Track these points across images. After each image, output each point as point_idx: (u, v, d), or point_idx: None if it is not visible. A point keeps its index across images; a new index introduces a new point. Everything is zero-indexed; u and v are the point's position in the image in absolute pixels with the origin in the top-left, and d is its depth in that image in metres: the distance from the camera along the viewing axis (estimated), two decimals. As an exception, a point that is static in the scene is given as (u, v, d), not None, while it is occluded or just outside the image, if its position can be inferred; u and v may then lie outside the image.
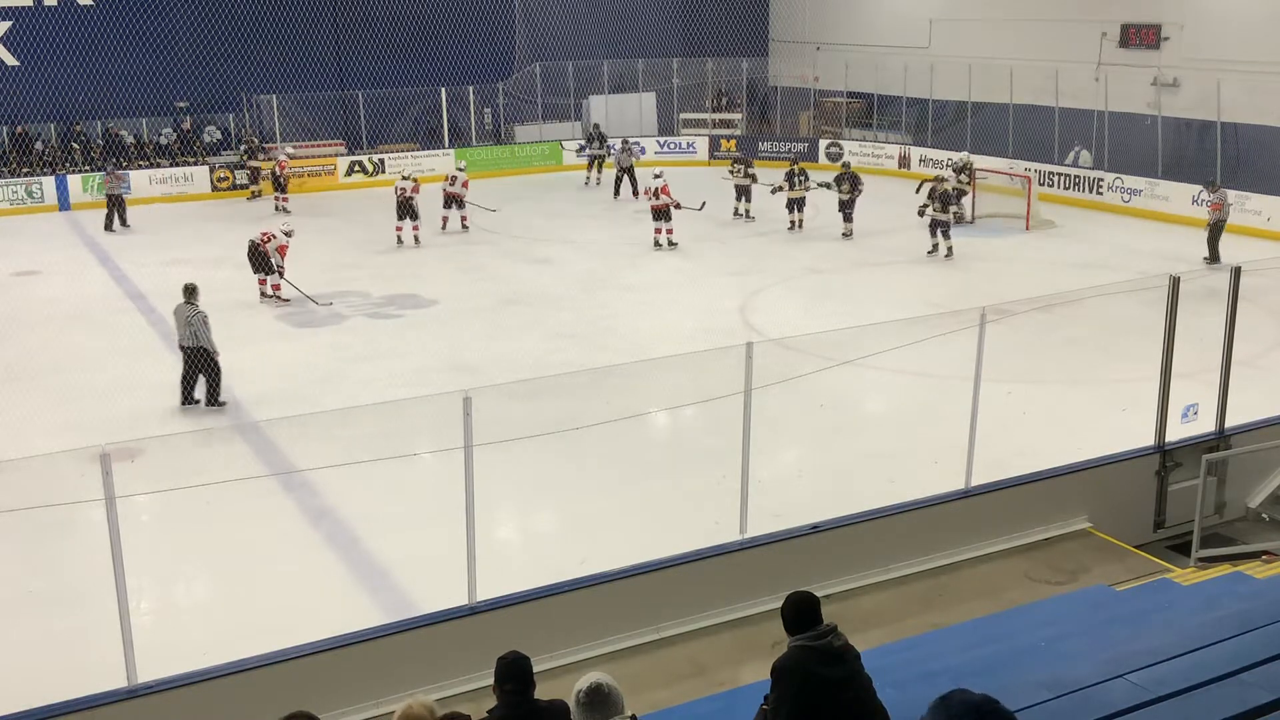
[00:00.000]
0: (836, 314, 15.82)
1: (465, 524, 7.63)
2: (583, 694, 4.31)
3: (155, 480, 8.90)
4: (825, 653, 4.69)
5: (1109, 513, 9.85)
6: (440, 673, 7.44)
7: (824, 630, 4.75)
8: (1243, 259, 12.37)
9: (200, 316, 13.00)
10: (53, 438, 10.71)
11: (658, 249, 21.15)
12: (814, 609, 4.82)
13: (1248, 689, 4.94)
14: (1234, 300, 10.13)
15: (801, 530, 8.75)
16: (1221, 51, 22.80)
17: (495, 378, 13.11)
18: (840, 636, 4.76)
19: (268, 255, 17.59)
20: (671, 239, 21.23)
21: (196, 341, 12.95)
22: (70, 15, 26.98)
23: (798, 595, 4.88)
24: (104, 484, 6.64)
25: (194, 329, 12.93)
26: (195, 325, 12.93)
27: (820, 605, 4.85)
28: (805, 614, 4.80)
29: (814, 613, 4.81)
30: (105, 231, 23.31)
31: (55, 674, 7.44)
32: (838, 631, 4.78)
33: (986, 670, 6.23)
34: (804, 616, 4.79)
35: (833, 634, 4.75)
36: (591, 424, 9.78)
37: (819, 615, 4.81)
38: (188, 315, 13.00)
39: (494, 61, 30.72)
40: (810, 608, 4.82)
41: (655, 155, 31.16)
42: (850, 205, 21.89)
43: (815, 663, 4.68)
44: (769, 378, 9.14)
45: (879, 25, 31.32)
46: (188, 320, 12.98)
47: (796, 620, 4.81)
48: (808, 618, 4.79)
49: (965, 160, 24.14)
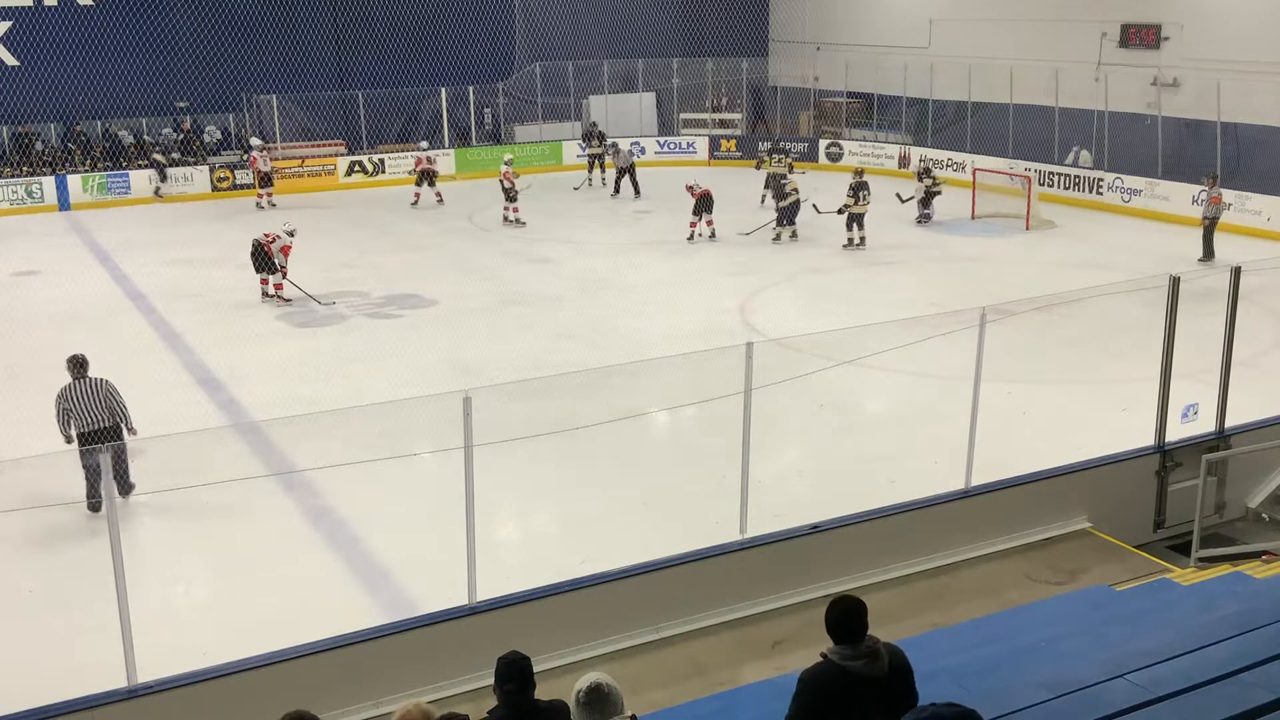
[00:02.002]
0: (836, 314, 15.81)
1: (465, 524, 7.62)
2: (582, 694, 4.30)
3: (155, 480, 8.90)
4: (854, 674, 4.45)
5: (1109, 513, 9.84)
6: (440, 673, 7.44)
7: (861, 650, 4.48)
8: (1243, 259, 12.36)
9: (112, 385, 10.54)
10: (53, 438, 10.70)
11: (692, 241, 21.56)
12: (856, 619, 4.52)
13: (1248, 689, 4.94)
14: (1234, 300, 10.13)
15: (801, 530, 8.75)
16: (1221, 51, 22.80)
17: (495, 378, 13.11)
18: (880, 657, 4.49)
19: (271, 255, 17.60)
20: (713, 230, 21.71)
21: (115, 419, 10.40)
22: (70, 15, 26.99)
23: (844, 601, 4.59)
24: (104, 484, 6.64)
25: (115, 402, 10.41)
26: (116, 398, 10.43)
27: (865, 613, 4.55)
28: (846, 624, 4.53)
29: (856, 623, 4.51)
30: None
31: (55, 674, 7.43)
32: (881, 653, 4.50)
33: (986, 670, 6.23)
34: (844, 626, 4.53)
35: (870, 655, 4.48)
36: (591, 424, 9.78)
37: (862, 627, 4.52)
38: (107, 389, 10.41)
39: (494, 61, 30.73)
40: (853, 618, 4.52)
41: (655, 155, 31.19)
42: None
43: (844, 682, 4.45)
44: (769, 378, 9.13)
45: (879, 25, 31.33)
46: (108, 394, 10.37)
47: (836, 629, 4.55)
48: (848, 628, 4.52)
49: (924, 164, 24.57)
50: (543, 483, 10.84)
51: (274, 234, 17.78)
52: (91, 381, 10.39)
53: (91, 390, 10.32)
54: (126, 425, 10.36)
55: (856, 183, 21.10)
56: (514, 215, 23.45)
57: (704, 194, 21.54)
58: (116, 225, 23.88)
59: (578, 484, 10.81)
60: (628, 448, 11.25)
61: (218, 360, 14.83)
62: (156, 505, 9.09)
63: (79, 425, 10.18)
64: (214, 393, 13.74)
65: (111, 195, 26.35)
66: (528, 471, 10.65)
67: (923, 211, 23.17)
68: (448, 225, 23.91)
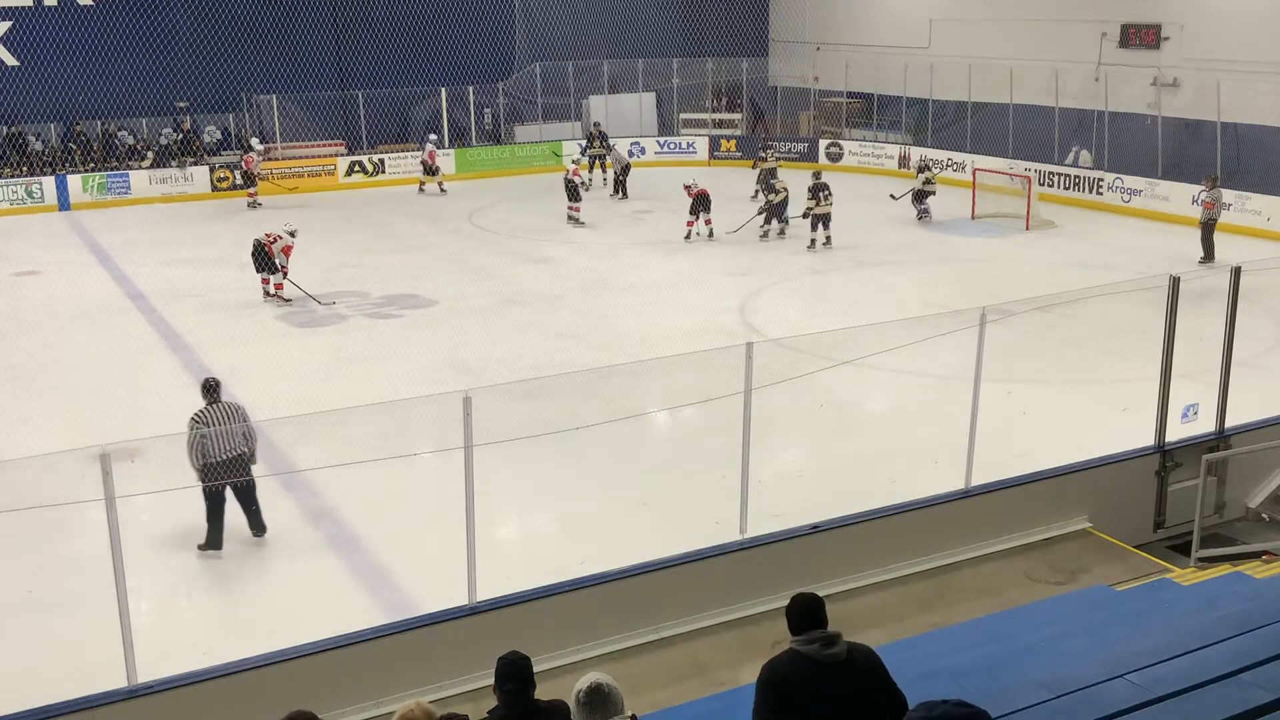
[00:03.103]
0: (836, 314, 15.82)
1: (465, 524, 7.63)
2: (583, 694, 4.30)
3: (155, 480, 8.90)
4: (813, 660, 4.55)
5: (1109, 513, 9.85)
6: (440, 673, 7.44)
7: (818, 636, 4.61)
8: (1243, 259, 12.36)
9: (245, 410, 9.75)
10: (53, 438, 10.71)
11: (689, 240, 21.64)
12: (813, 611, 4.69)
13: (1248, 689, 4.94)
14: (1234, 300, 10.13)
15: (801, 530, 8.75)
16: (1221, 51, 22.80)
17: (495, 378, 13.11)
18: (839, 644, 4.60)
19: (272, 255, 17.61)
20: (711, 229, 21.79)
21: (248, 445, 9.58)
22: (70, 15, 27.00)
23: (800, 597, 4.77)
24: (104, 484, 6.64)
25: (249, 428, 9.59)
26: (249, 424, 9.62)
27: (823, 608, 4.72)
28: (804, 616, 4.70)
29: (813, 616, 4.68)
30: None
31: (55, 674, 7.43)
32: (838, 639, 4.62)
33: (986, 670, 6.24)
34: (803, 619, 4.69)
35: (826, 640, 4.59)
36: (591, 424, 9.78)
37: (820, 619, 4.68)
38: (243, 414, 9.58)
39: (494, 61, 30.73)
40: (809, 610, 4.70)
41: (655, 155, 31.20)
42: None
43: (802, 668, 4.57)
44: (769, 378, 9.13)
45: (879, 25, 31.33)
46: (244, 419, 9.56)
47: (795, 622, 4.71)
48: (806, 620, 4.68)
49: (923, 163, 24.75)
50: (543, 483, 10.83)
51: (275, 234, 17.78)
52: (226, 406, 9.61)
53: (227, 415, 9.47)
54: (251, 455, 9.57)
55: (815, 184, 20.90)
56: (576, 214, 23.53)
57: (701, 193, 21.58)
58: (116, 225, 23.88)
59: (578, 484, 10.81)
60: (628, 448, 11.25)
61: (218, 360, 14.80)
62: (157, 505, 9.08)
63: (213, 454, 9.32)
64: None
65: (111, 195, 26.35)
66: (528, 471, 10.65)
67: (920, 208, 23.15)
68: (448, 225, 23.92)
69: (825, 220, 20.79)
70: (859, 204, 24.33)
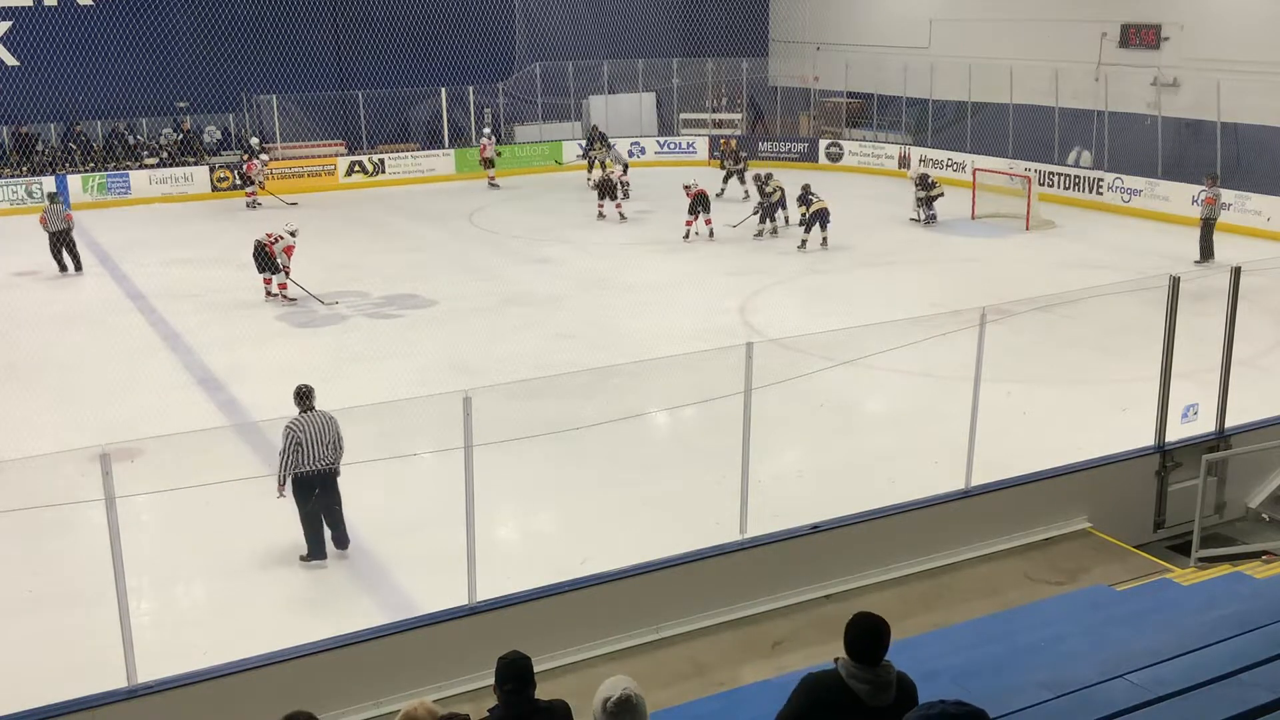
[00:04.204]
0: (836, 314, 15.81)
1: (465, 524, 7.63)
2: (611, 703, 4.15)
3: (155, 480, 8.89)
4: (856, 695, 4.33)
5: (1109, 513, 9.85)
6: (440, 673, 7.44)
7: (873, 676, 4.34)
8: (1243, 259, 12.36)
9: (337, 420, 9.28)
10: (53, 438, 10.71)
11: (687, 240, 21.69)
12: (876, 641, 4.38)
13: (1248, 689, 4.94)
14: (1234, 300, 10.13)
15: (801, 530, 8.75)
16: (1221, 51, 22.80)
17: (495, 378, 13.10)
18: (889, 689, 4.34)
19: (273, 255, 17.61)
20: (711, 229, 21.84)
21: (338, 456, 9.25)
22: (70, 15, 27.00)
23: (869, 620, 4.44)
24: (104, 484, 6.64)
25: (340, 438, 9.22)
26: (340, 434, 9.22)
27: (888, 636, 4.39)
28: (864, 644, 4.40)
29: (875, 645, 4.38)
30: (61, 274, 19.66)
31: (55, 674, 7.43)
32: (890, 685, 4.35)
33: (986, 670, 6.23)
34: (861, 646, 4.40)
35: (879, 685, 4.33)
36: (591, 424, 9.78)
37: (880, 649, 4.38)
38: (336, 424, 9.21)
39: (494, 61, 30.73)
40: (873, 639, 4.39)
41: (655, 155, 31.21)
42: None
43: (842, 697, 4.34)
44: (769, 378, 9.14)
45: (879, 25, 31.32)
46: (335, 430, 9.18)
47: (853, 646, 4.42)
48: (865, 648, 4.38)
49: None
50: (543, 483, 10.84)
51: (276, 234, 17.78)
52: (320, 415, 9.20)
53: (323, 424, 9.12)
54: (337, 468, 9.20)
55: (802, 194, 20.85)
56: (619, 210, 23.78)
57: (700, 193, 21.58)
58: (116, 225, 23.88)
59: (578, 484, 10.81)
60: (628, 448, 11.25)
61: (218, 360, 14.83)
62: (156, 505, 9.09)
63: (305, 464, 8.96)
64: (214, 393, 13.75)
65: (111, 195, 26.36)
66: (528, 471, 10.65)
67: (928, 214, 23.10)
68: (448, 225, 23.92)
69: (823, 221, 20.78)
70: (859, 204, 24.35)
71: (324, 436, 9.07)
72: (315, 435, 9.03)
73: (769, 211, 21.96)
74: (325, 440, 9.07)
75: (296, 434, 9.01)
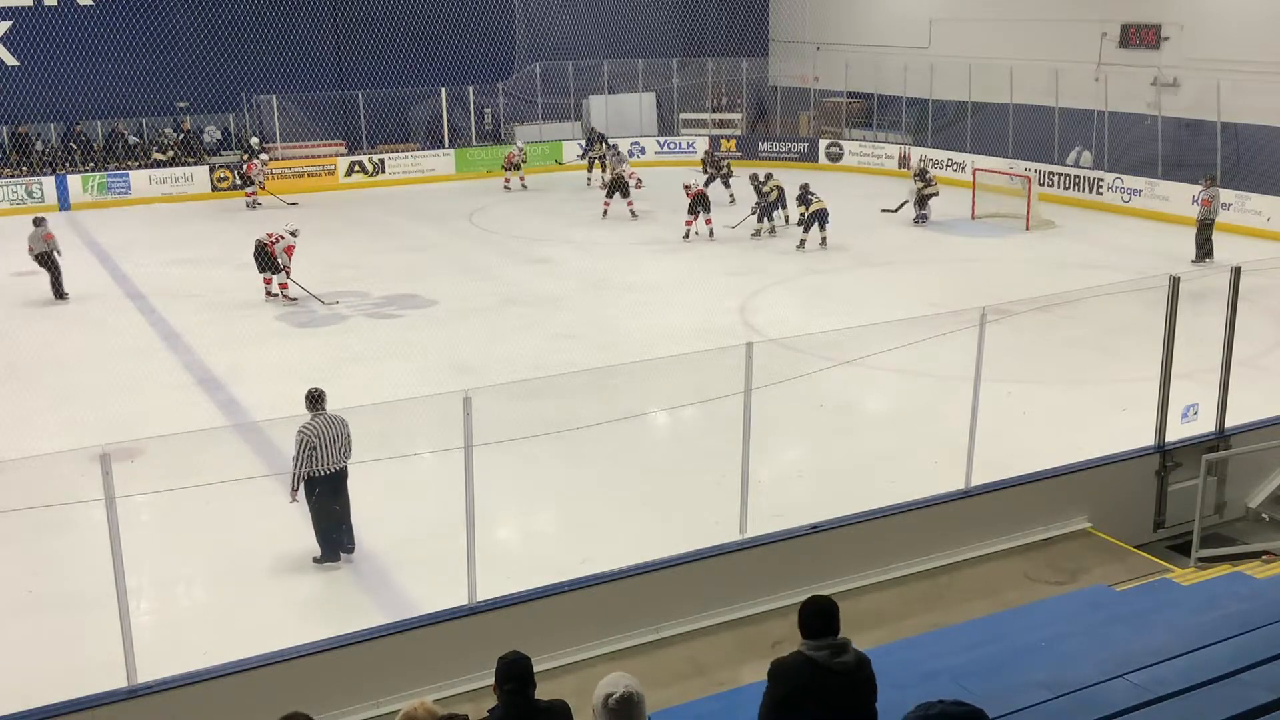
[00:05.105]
0: (836, 314, 15.81)
1: (465, 524, 7.62)
2: (614, 700, 4.16)
3: (155, 480, 8.89)
4: (820, 664, 4.57)
5: (1109, 513, 9.85)
6: (440, 673, 7.44)
7: (830, 643, 4.60)
8: (1242, 259, 12.36)
9: (347, 426, 9.24)
10: (53, 438, 10.71)
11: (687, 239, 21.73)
12: (827, 617, 4.66)
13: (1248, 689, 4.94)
14: (1234, 300, 10.12)
15: (801, 530, 8.75)
16: (1221, 51, 22.79)
17: (495, 378, 13.10)
18: (849, 653, 4.61)
19: (274, 255, 17.61)
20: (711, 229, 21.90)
21: (347, 459, 9.24)
22: (70, 15, 27.00)
23: (816, 601, 4.74)
24: (104, 484, 6.64)
25: (349, 440, 9.23)
26: (350, 437, 9.22)
27: (837, 614, 4.68)
28: (817, 620, 4.67)
29: (827, 621, 4.66)
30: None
31: (55, 674, 7.44)
32: (848, 647, 4.63)
33: (986, 670, 6.24)
34: (815, 623, 4.67)
35: (837, 648, 4.60)
36: (591, 424, 9.77)
37: (833, 625, 4.66)
38: (347, 428, 9.20)
39: (494, 61, 30.73)
40: (822, 614, 4.67)
41: (655, 155, 31.20)
42: None
43: (808, 671, 4.59)
44: (769, 378, 9.13)
45: (879, 25, 31.32)
46: (346, 432, 9.19)
47: (808, 625, 4.69)
48: (818, 624, 4.66)
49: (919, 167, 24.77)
50: (543, 483, 10.84)
51: (276, 234, 17.78)
52: (331, 418, 9.16)
53: (335, 427, 9.10)
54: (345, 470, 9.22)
55: (800, 194, 20.87)
56: (629, 208, 23.90)
57: (700, 193, 21.61)
58: (116, 225, 23.89)
59: (577, 484, 10.81)
60: (628, 448, 11.25)
61: (218, 360, 14.83)
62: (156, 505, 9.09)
63: (318, 467, 8.97)
64: (214, 393, 13.75)
65: (111, 195, 26.36)
66: (528, 471, 10.65)
67: (919, 212, 23.19)
68: (448, 225, 23.93)
69: (822, 220, 20.77)
70: (859, 204, 24.35)
71: (336, 439, 9.09)
72: (328, 438, 9.05)
73: (767, 211, 22.01)
74: (337, 443, 9.09)
75: (310, 438, 9.00)
